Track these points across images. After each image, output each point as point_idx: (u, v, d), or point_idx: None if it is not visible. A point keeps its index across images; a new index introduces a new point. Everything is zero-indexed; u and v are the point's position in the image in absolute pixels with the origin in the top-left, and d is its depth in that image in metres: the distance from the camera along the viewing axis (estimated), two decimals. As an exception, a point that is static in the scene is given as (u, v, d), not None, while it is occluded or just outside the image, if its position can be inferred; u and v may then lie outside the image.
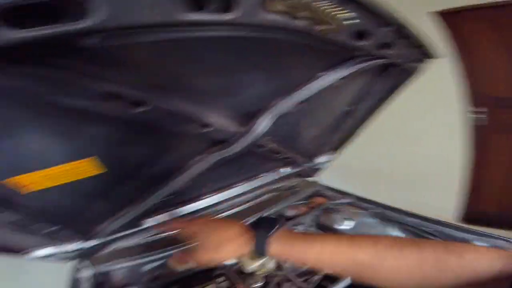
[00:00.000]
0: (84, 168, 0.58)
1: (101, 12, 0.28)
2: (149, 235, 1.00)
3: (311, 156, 1.39)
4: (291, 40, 0.54)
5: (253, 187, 1.24)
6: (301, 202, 1.39)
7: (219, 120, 0.74)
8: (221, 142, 0.82)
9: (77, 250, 0.89)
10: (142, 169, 0.74)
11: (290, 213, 1.29)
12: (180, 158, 0.82)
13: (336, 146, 1.45)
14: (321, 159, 1.44)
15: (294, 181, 1.52)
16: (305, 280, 0.92)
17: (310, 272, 0.98)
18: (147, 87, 0.52)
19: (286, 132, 1.02)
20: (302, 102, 0.87)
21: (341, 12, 0.49)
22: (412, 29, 0.74)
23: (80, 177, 0.60)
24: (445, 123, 2.49)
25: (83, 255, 0.92)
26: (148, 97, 0.53)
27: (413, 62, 0.92)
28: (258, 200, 1.32)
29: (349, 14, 0.51)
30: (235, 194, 1.19)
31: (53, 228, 0.72)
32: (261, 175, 1.27)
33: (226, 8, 0.39)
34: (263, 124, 0.82)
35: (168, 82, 0.50)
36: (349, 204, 1.32)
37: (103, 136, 0.57)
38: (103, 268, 0.92)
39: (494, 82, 2.30)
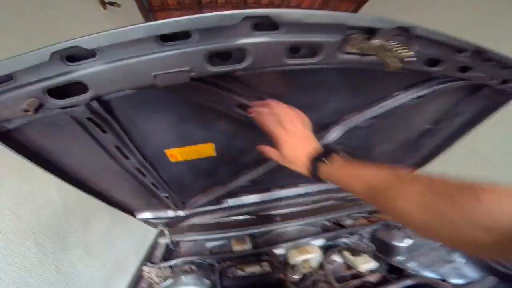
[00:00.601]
0: (204, 150, 0.86)
1: (249, 59, 0.51)
2: (223, 215, 1.28)
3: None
4: (366, 69, 0.65)
5: (317, 190, 1.35)
6: (362, 215, 1.41)
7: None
8: None
9: (168, 218, 1.22)
10: (237, 157, 0.99)
11: (347, 222, 1.34)
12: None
13: (418, 164, 1.38)
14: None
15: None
16: (342, 283, 0.98)
17: (348, 277, 1.04)
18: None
19: (358, 143, 1.08)
20: (374, 117, 0.94)
21: (405, 51, 0.57)
22: (494, 52, 0.71)
23: (199, 157, 0.88)
24: None
25: (168, 224, 1.26)
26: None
27: (505, 83, 0.84)
28: (321, 204, 1.44)
29: (412, 52, 0.58)
30: (299, 192, 1.33)
31: (165, 195, 1.05)
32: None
33: (312, 55, 0.56)
34: (335, 133, 0.94)
35: (277, 98, 0.71)
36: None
37: (222, 129, 0.82)
38: (177, 238, 1.22)
39: None
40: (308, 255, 1.07)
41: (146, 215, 1.18)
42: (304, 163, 0.63)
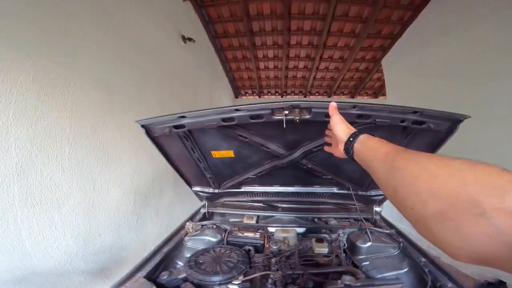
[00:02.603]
0: (228, 153, 1.64)
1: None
2: (242, 198, 2.01)
3: (364, 186, 1.77)
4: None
5: (309, 191, 1.88)
6: (348, 219, 1.83)
7: (274, 147, 1.55)
8: (276, 156, 1.62)
9: (210, 193, 2.03)
10: (245, 159, 1.69)
11: (332, 222, 1.80)
12: (260, 159, 1.68)
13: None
14: (374, 191, 1.77)
15: (354, 205, 1.94)
16: (301, 260, 1.45)
17: (309, 256, 1.50)
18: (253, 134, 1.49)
19: (325, 161, 1.62)
20: (319, 146, 1.47)
21: (298, 114, 1.17)
22: (432, 111, 1.17)
23: (225, 156, 1.66)
24: None
25: (209, 198, 2.06)
26: (250, 136, 1.49)
27: (443, 127, 1.26)
28: (320, 206, 1.98)
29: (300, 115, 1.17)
30: (295, 190, 1.90)
31: (209, 175, 1.86)
32: (316, 186, 1.88)
33: (260, 117, 1.27)
34: (297, 153, 1.54)
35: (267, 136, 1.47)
36: (384, 233, 1.60)
37: (236, 144, 1.57)
38: (211, 210, 2.01)
39: None
40: (287, 234, 1.63)
41: (197, 188, 2.01)
42: (341, 149, 0.78)
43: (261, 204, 2.03)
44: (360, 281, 1.17)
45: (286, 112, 1.19)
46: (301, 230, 1.76)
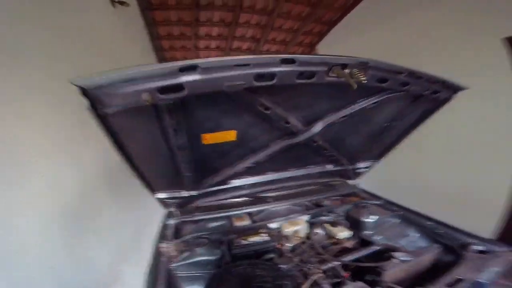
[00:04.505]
0: (227, 136, 1.16)
1: (276, 79, 0.85)
2: (226, 196, 1.57)
3: (354, 159, 1.76)
4: (339, 85, 0.99)
5: (303, 173, 1.69)
6: (337, 197, 1.79)
7: (294, 121, 1.24)
8: (292, 133, 1.32)
9: (182, 197, 1.49)
10: (248, 142, 1.29)
11: (326, 203, 1.70)
12: (268, 139, 1.35)
13: (376, 156, 1.79)
14: (362, 164, 1.80)
15: (336, 181, 1.92)
16: (326, 250, 1.32)
17: (329, 245, 1.38)
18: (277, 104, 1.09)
19: (334, 136, 1.45)
20: (344, 117, 1.30)
21: (362, 76, 0.92)
22: (424, 73, 1.10)
23: (222, 140, 1.18)
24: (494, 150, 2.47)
25: (180, 204, 1.52)
26: (273, 107, 1.09)
27: (437, 93, 1.24)
28: (304, 188, 1.80)
29: (365, 77, 0.93)
30: (290, 175, 1.67)
31: (188, 174, 1.31)
32: (311, 166, 1.72)
33: (311, 77, 0.89)
34: (317, 127, 1.30)
35: (285, 102, 1.04)
36: (377, 205, 1.65)
37: (246, 121, 1.13)
38: (184, 219, 1.48)
39: None
40: (298, 226, 1.40)
41: (163, 195, 1.43)
42: None
43: (246, 199, 1.66)
44: (409, 255, 1.13)
45: (348, 71, 0.91)
46: (304, 218, 1.56)
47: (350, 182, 1.96)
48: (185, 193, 1.47)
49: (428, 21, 2.98)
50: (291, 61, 0.83)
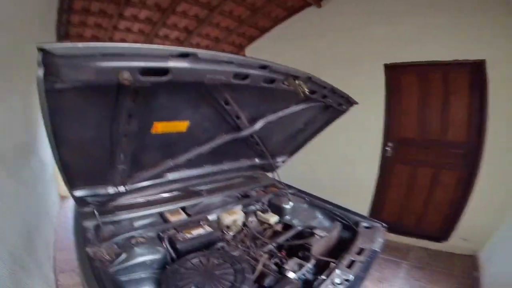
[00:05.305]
0: (179, 126, 1.12)
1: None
2: (157, 191, 1.49)
3: (274, 154, 2.04)
4: (284, 91, 1.18)
5: (234, 167, 1.82)
6: (260, 188, 2.03)
7: (243, 118, 1.36)
8: (238, 128, 1.43)
9: (107, 195, 1.30)
10: (197, 134, 1.29)
11: (252, 193, 1.90)
12: (215, 133, 1.40)
13: (291, 152, 2.15)
14: (280, 158, 2.11)
15: (258, 173, 2.16)
16: (261, 235, 1.51)
17: (262, 230, 1.58)
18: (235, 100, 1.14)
19: (265, 133, 1.65)
20: (280, 118, 1.53)
21: (306, 87, 1.16)
22: (338, 89, 1.47)
23: (172, 131, 1.13)
24: (366, 151, 3.56)
25: (102, 203, 1.32)
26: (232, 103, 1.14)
27: (341, 106, 1.66)
28: (233, 181, 1.95)
29: (307, 89, 1.18)
30: (223, 168, 1.76)
31: (122, 166, 1.17)
32: (243, 159, 1.87)
33: (271, 82, 1.03)
34: (258, 124, 1.47)
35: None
36: (291, 193, 2.00)
37: (201, 113, 1.15)
38: (104, 219, 1.30)
39: (404, 124, 3.41)
40: (235, 215, 1.51)
41: (84, 192, 1.21)
42: None
43: (177, 194, 1.61)
44: (323, 231, 1.47)
45: (298, 82, 1.12)
46: (238, 208, 1.68)
47: (269, 174, 2.25)
48: (111, 190, 1.30)
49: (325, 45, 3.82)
50: (264, 67, 0.95)
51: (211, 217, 1.53)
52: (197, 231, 1.32)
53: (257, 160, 1.97)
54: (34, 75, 0.59)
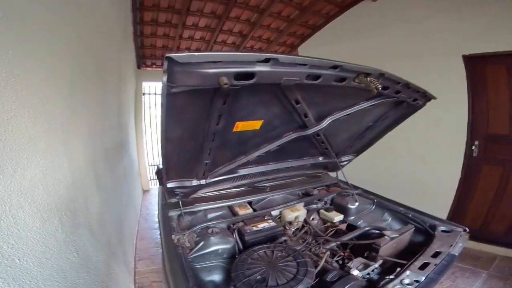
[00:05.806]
0: (253, 125, 1.22)
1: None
2: (229, 186, 1.62)
3: (340, 153, 1.99)
4: (353, 88, 1.15)
5: (297, 165, 1.84)
6: (323, 187, 2.00)
7: (310, 116, 1.38)
8: (305, 126, 1.46)
9: (191, 186, 1.47)
10: (267, 132, 1.38)
11: (314, 192, 1.90)
12: (284, 130, 1.46)
13: (357, 151, 2.06)
14: (345, 157, 2.04)
15: (320, 172, 2.14)
16: (325, 232, 1.51)
17: (325, 228, 1.58)
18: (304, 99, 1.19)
19: (331, 131, 1.63)
20: (347, 115, 1.49)
21: (379, 83, 1.10)
22: (414, 84, 1.35)
23: (247, 129, 1.24)
24: (446, 150, 3.14)
25: (186, 194, 1.51)
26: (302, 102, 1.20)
27: (416, 101, 1.52)
28: (295, 179, 1.99)
29: (380, 85, 1.11)
30: (287, 166, 1.80)
31: (207, 161, 1.33)
32: (307, 157, 1.88)
33: (342, 80, 1.02)
34: (325, 122, 1.46)
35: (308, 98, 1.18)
36: (357, 193, 1.92)
37: (273, 112, 1.23)
38: (185, 210, 1.49)
39: (492, 120, 2.89)
40: (298, 212, 1.55)
41: (174, 184, 1.40)
42: None
43: (243, 189, 1.73)
44: (394, 232, 1.38)
45: (369, 79, 1.08)
46: (300, 205, 1.71)
47: (331, 174, 2.21)
48: (195, 182, 1.46)
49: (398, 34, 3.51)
50: (336, 67, 0.96)
51: (274, 212, 1.60)
52: (262, 225, 1.40)
53: (320, 159, 1.94)
54: (121, 85, 0.73)
